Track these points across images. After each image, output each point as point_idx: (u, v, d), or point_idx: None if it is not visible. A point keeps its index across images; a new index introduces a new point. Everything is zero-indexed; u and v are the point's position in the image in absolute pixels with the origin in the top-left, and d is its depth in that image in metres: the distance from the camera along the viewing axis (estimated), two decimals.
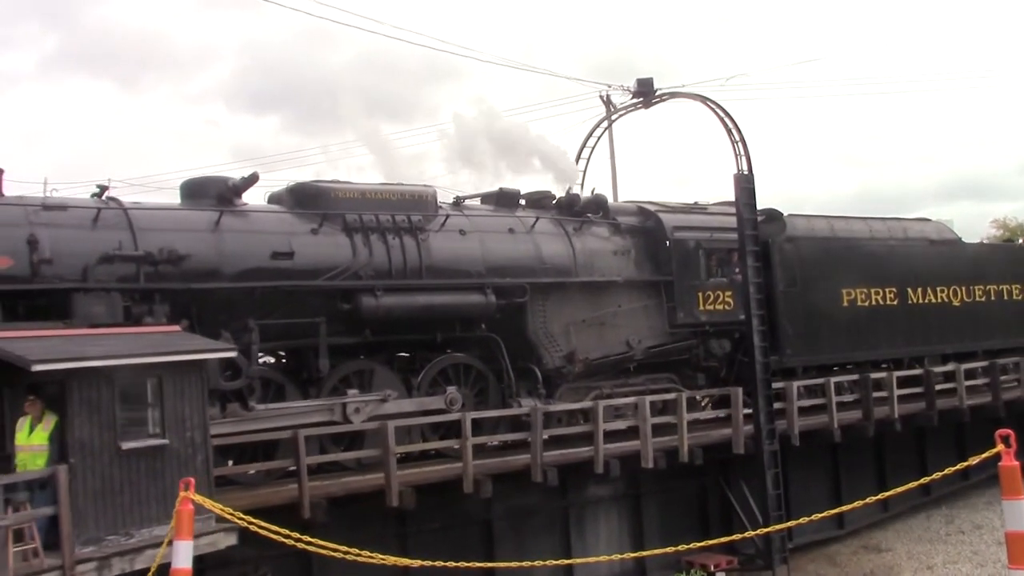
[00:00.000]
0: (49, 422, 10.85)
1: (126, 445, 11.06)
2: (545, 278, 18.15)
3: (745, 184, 19.66)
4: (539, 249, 18.33)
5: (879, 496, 13.43)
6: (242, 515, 9.94)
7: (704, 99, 20.47)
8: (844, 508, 17.27)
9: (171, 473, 11.45)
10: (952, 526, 21.75)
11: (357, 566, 11.09)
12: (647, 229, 20.27)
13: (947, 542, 20.62)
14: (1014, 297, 26.85)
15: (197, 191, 15.79)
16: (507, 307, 17.58)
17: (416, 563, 12.35)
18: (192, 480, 9.42)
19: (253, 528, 9.80)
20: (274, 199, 16.84)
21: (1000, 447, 8.40)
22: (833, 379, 20.91)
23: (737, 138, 19.93)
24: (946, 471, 10.90)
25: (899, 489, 11.49)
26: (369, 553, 10.31)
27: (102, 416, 10.93)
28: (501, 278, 17.52)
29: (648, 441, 17.45)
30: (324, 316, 15.61)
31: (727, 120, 20.10)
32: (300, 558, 14.05)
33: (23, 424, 10.96)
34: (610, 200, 21.74)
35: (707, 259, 20.50)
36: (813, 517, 18.62)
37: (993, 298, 26.24)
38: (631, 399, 18.01)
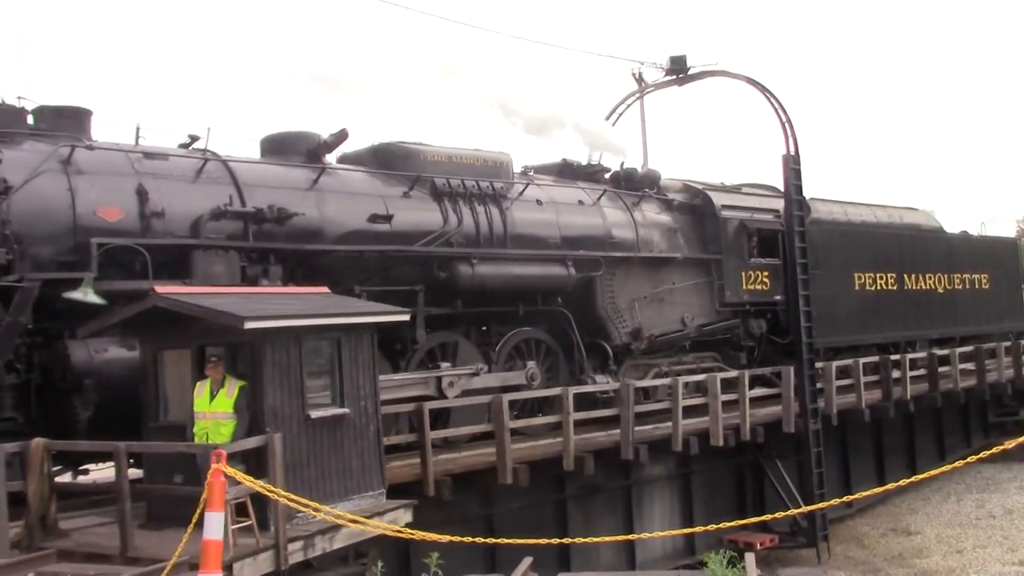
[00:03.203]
0: (233, 387, 9.79)
1: (315, 414, 10.12)
2: (614, 252, 17.78)
3: (793, 165, 19.77)
4: (607, 222, 17.94)
5: (911, 479, 13.52)
6: (318, 505, 9.10)
7: (750, 79, 20.42)
8: (870, 492, 17.72)
9: (349, 445, 10.60)
10: (983, 510, 22.08)
11: (451, 547, 10.43)
12: (695, 207, 20.18)
13: (977, 526, 20.86)
14: (983, 286, 28.09)
15: (283, 146, 14.71)
16: (580, 281, 17.13)
17: (511, 542, 11.81)
18: (223, 452, 8.59)
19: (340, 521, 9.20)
20: (350, 159, 15.84)
21: None
22: (862, 360, 21.26)
23: (784, 119, 19.99)
24: (982, 454, 10.95)
25: (924, 475, 11.45)
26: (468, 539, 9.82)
27: (291, 382, 9.96)
28: (575, 251, 17.05)
29: (719, 419, 17.32)
30: (422, 284, 14.82)
31: (774, 101, 20.11)
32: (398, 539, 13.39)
33: (202, 389, 9.86)
34: None
35: (749, 239, 20.53)
36: (855, 495, 18.86)
37: (968, 286, 27.39)
38: (701, 376, 17.84)
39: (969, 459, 10.38)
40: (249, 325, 9.19)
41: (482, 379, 15.59)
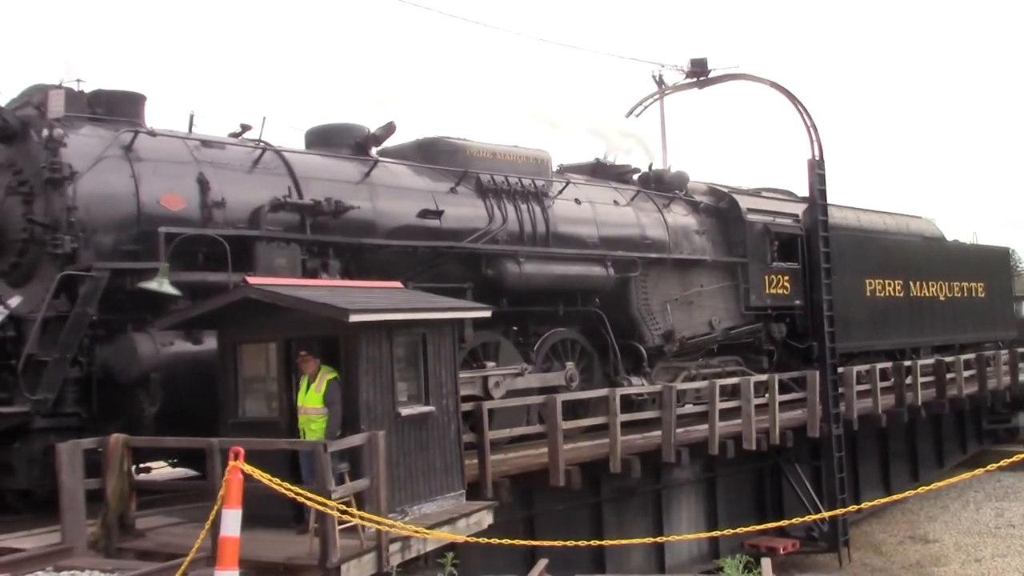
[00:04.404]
0: (322, 381, 9.45)
1: (404, 412, 9.82)
2: (649, 253, 17.64)
3: (818, 170, 19.83)
4: (641, 223, 17.80)
5: (932, 486, 13.52)
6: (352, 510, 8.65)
7: (775, 84, 20.46)
8: (888, 499, 17.83)
9: (433, 444, 10.31)
10: (1002, 519, 22.08)
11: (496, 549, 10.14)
12: (720, 209, 20.11)
13: (996, 535, 20.84)
14: (979, 295, 28.44)
15: (329, 139, 14.40)
16: (617, 281, 16.97)
17: (540, 543, 11.66)
18: (241, 450, 8.17)
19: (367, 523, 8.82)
20: (391, 153, 15.50)
21: None
22: (879, 366, 21.36)
23: (809, 124, 20.05)
24: (1003, 462, 10.89)
25: (944, 482, 11.37)
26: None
27: (383, 379, 9.65)
28: (612, 250, 16.88)
29: (752, 422, 17.25)
30: (470, 282, 14.54)
31: (799, 106, 20.17)
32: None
33: (302, 383, 9.53)
34: None
35: (771, 243, 20.52)
36: (875, 502, 19.00)
37: (966, 295, 27.70)
38: (735, 380, 17.75)
39: (990, 467, 10.22)
40: (354, 318, 8.87)
41: (524, 379, 15.35)
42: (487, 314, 11.47)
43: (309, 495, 8.02)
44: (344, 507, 8.25)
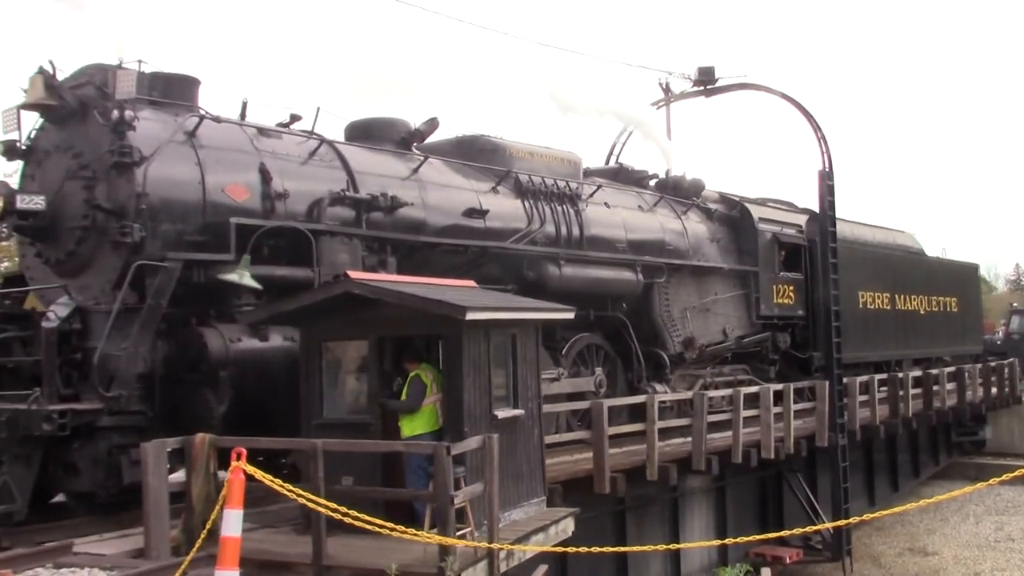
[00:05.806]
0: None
1: (500, 414, 9.51)
2: (672, 259, 17.56)
3: (827, 181, 19.94)
4: (664, 229, 17.71)
5: (933, 499, 13.72)
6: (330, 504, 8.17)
7: (784, 95, 20.54)
8: (890, 511, 18.01)
9: (520, 448, 10.03)
10: (1002, 532, 22.23)
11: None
12: (731, 217, 20.13)
13: (996, 548, 20.94)
14: (952, 309, 29.03)
15: (371, 133, 13.98)
16: (644, 287, 16.84)
17: (586, 550, 11.55)
18: (244, 451, 7.99)
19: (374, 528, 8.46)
20: (427, 150, 15.12)
21: None
22: (877, 377, 21.60)
23: (819, 135, 20.17)
24: (1004, 476, 11.11)
25: (939, 497, 11.60)
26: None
27: (481, 380, 9.33)
28: (640, 255, 16.75)
29: (771, 431, 17.25)
30: (512, 283, 14.24)
31: (809, 117, 20.27)
32: None
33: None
34: None
35: (779, 253, 20.62)
36: (880, 513, 19.15)
37: (941, 309, 28.25)
38: (756, 388, 17.73)
39: (992, 481, 10.25)
40: (471, 316, 8.54)
41: (559, 384, 15.11)
42: (570, 316, 11.21)
43: (341, 510, 7.68)
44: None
